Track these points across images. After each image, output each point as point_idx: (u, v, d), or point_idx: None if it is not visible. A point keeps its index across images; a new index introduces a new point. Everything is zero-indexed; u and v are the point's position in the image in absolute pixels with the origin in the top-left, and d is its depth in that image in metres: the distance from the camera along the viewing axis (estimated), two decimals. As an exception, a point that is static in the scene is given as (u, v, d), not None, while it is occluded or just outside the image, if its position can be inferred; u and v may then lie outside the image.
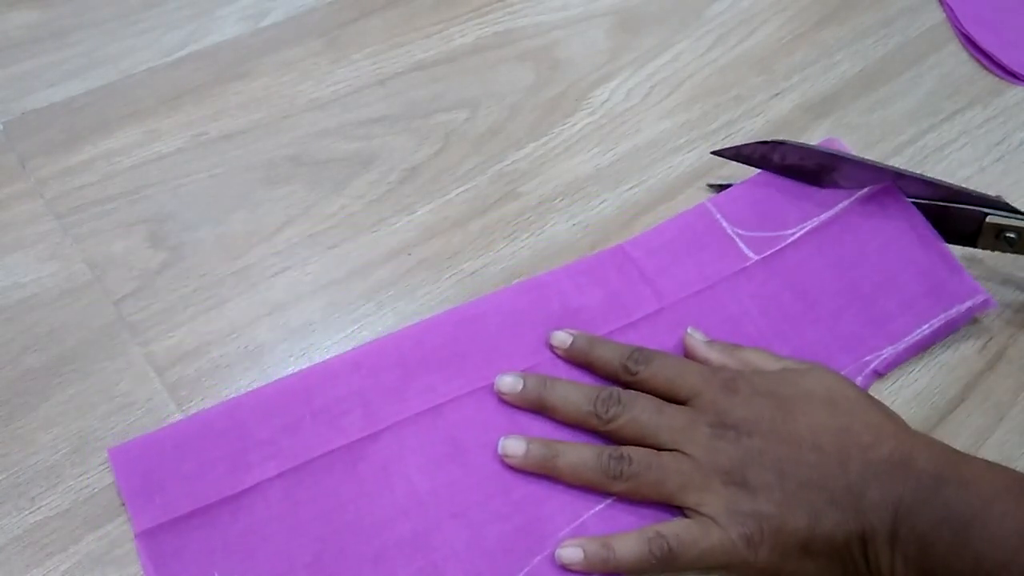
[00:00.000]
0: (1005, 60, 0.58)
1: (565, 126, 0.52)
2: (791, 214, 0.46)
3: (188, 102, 0.50)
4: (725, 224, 0.46)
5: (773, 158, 0.47)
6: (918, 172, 0.45)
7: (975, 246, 0.45)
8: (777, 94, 0.55)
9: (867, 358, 0.42)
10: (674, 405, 0.38)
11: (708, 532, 0.35)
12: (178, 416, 0.38)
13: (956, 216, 0.45)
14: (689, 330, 0.42)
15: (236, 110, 0.50)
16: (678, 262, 0.44)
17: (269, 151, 0.48)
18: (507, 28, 0.57)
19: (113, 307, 0.41)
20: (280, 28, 0.54)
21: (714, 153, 0.49)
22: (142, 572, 0.34)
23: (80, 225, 0.44)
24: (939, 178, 0.45)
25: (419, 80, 0.53)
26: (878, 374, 0.42)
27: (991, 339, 0.45)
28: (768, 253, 0.45)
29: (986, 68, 0.59)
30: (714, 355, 0.41)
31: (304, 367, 0.39)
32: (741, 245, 0.45)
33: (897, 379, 0.43)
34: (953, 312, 0.44)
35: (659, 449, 0.37)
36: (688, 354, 0.41)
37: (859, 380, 0.42)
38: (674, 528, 0.35)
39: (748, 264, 0.45)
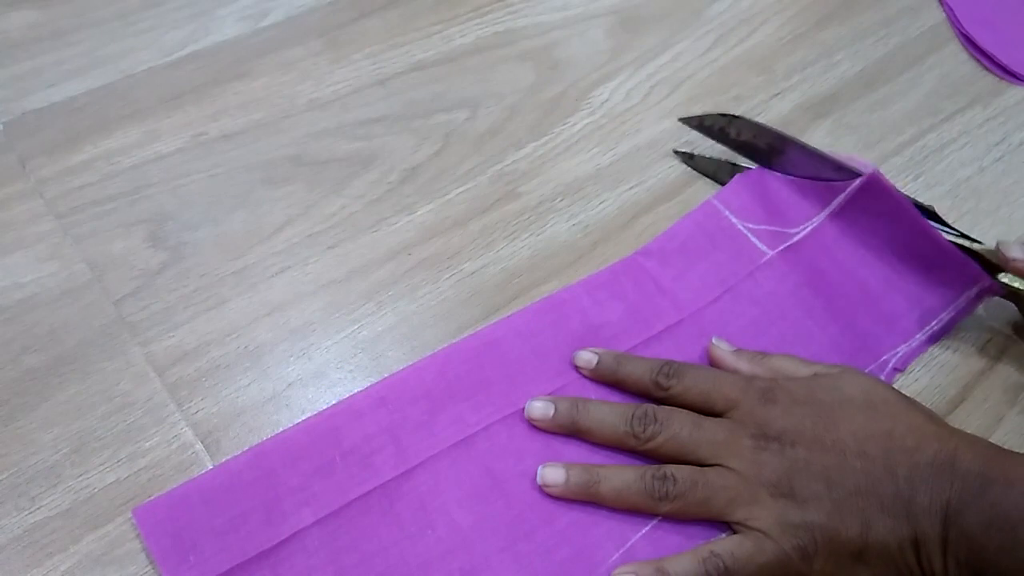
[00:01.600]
0: (1005, 60, 0.58)
1: (565, 126, 0.52)
2: (792, 212, 0.46)
3: (188, 102, 0.50)
4: (735, 220, 0.46)
5: (730, 132, 0.49)
6: (843, 159, 0.45)
7: None
8: (777, 94, 0.55)
9: (885, 356, 0.43)
10: (712, 418, 0.38)
11: (762, 547, 0.34)
12: (177, 416, 0.38)
13: None
14: (714, 340, 0.41)
15: (236, 110, 0.50)
16: (693, 267, 0.44)
17: (269, 151, 0.48)
18: (507, 28, 0.57)
19: (113, 307, 0.41)
20: (280, 28, 0.54)
21: (681, 120, 0.50)
22: None
23: (80, 225, 0.44)
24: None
25: (419, 80, 0.53)
26: (897, 371, 0.43)
27: (991, 339, 0.45)
28: (781, 248, 0.45)
29: (986, 68, 0.59)
30: (743, 365, 0.40)
31: (328, 407, 0.38)
32: (754, 240, 0.45)
33: (897, 379, 0.43)
34: (961, 301, 0.44)
35: (700, 465, 0.36)
36: (715, 365, 0.41)
37: (882, 378, 0.42)
38: (727, 545, 0.35)
39: (764, 259, 0.45)
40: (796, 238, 0.46)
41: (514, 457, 0.37)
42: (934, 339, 0.44)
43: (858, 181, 0.45)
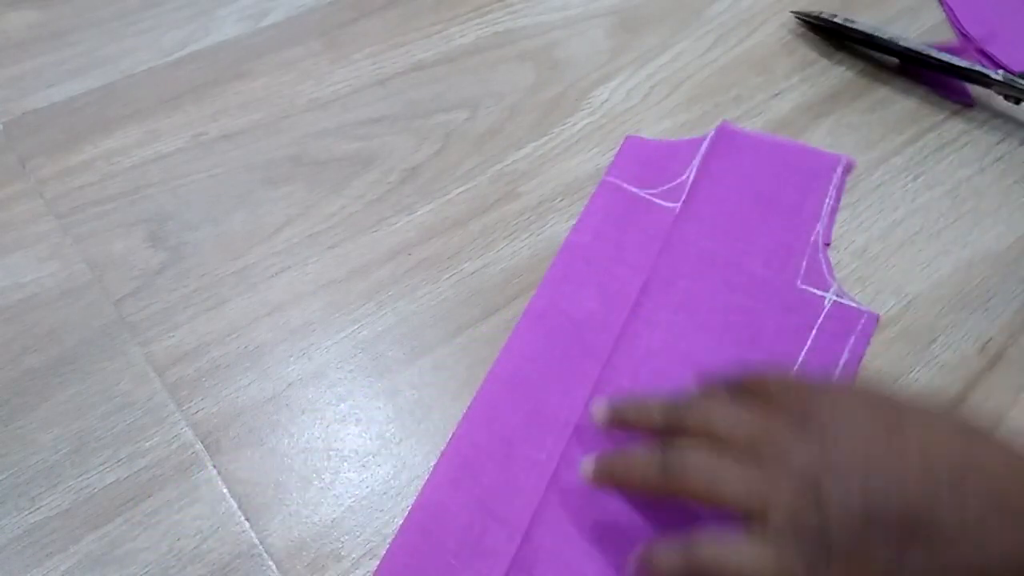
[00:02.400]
0: (1005, 60, 0.58)
1: (565, 126, 0.52)
2: (672, 168, 0.49)
3: (188, 102, 0.50)
4: (635, 190, 0.48)
5: (835, 19, 0.58)
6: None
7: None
8: (777, 94, 0.55)
9: (812, 238, 0.47)
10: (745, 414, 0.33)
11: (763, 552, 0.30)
12: (177, 416, 0.38)
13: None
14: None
15: (236, 110, 0.50)
16: (624, 234, 0.46)
17: (269, 151, 0.48)
18: (507, 28, 0.57)
19: (113, 307, 0.41)
20: (280, 28, 0.54)
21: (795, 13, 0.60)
22: None
23: (80, 225, 0.44)
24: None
25: (419, 80, 0.53)
26: (827, 245, 0.47)
27: (991, 339, 0.45)
28: (682, 199, 0.47)
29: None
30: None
31: (403, 519, 0.36)
32: (659, 201, 0.47)
33: (897, 378, 0.43)
34: (835, 181, 0.49)
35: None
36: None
37: (821, 257, 0.46)
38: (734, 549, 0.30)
39: (676, 212, 0.47)
40: (687, 187, 0.48)
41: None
42: (832, 221, 0.48)
43: (711, 134, 0.51)
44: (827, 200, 0.49)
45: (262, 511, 0.36)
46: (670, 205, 0.47)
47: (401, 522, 0.36)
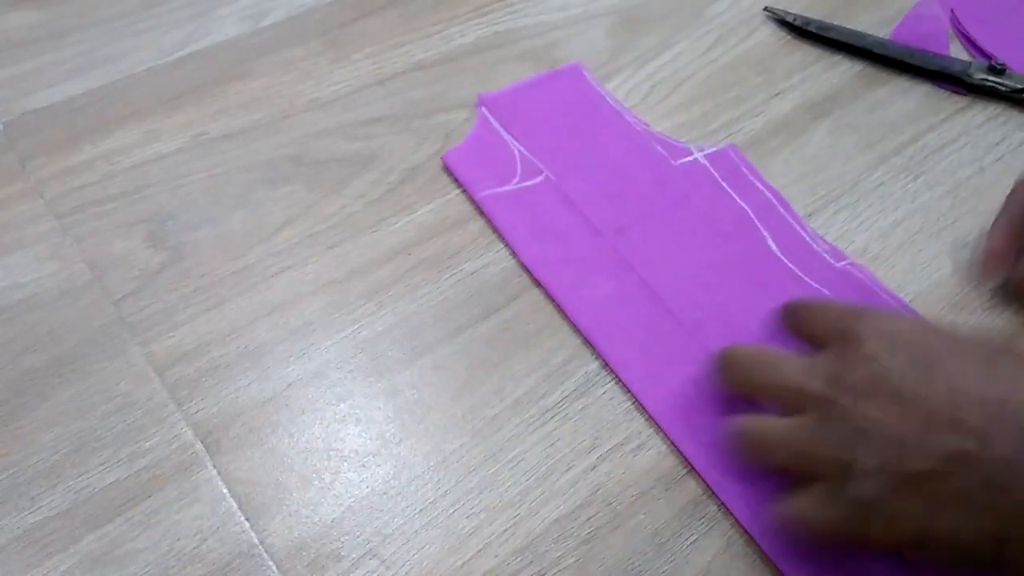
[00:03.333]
0: (1005, 60, 0.58)
1: (565, 126, 0.51)
2: (499, 155, 0.49)
3: (188, 102, 0.50)
4: (507, 188, 0.47)
5: (804, 24, 0.59)
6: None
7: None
8: (777, 94, 0.55)
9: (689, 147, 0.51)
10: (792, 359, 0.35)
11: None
12: (177, 416, 0.38)
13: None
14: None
15: (236, 110, 0.50)
16: (549, 227, 0.46)
17: (269, 151, 0.48)
18: (507, 28, 0.57)
19: (113, 307, 0.41)
20: (280, 28, 0.54)
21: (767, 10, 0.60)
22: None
23: (80, 225, 0.44)
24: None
25: (419, 80, 0.53)
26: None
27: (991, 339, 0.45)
28: (544, 171, 0.48)
29: (986, 68, 0.59)
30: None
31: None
32: (529, 183, 0.48)
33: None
34: (597, 85, 0.53)
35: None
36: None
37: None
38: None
39: (553, 181, 0.48)
40: (531, 159, 0.49)
41: None
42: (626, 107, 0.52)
43: (482, 111, 0.51)
44: (606, 97, 0.52)
45: (262, 511, 0.36)
46: (539, 179, 0.48)
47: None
